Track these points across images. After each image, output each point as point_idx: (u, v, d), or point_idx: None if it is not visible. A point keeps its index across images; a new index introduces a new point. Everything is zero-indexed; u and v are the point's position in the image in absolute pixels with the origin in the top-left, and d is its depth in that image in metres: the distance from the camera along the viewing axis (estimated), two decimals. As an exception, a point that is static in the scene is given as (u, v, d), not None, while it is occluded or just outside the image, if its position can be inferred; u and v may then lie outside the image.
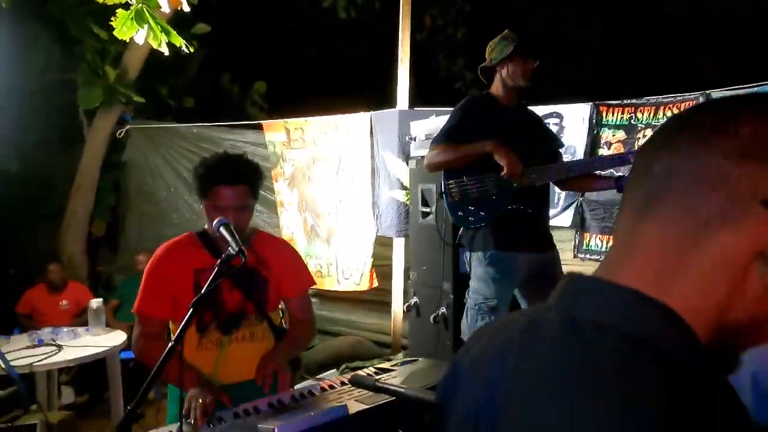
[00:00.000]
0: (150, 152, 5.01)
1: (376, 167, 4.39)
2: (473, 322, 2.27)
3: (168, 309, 1.72)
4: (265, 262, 1.81)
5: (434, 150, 2.29)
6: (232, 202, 1.68)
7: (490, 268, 2.24)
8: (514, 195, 2.25)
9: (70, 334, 3.57)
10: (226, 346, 1.73)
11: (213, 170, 1.70)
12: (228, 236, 1.50)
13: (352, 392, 1.53)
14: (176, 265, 1.73)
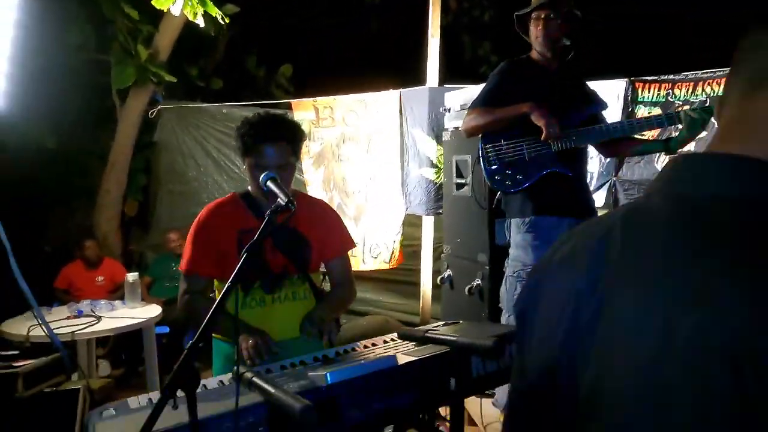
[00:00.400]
0: (180, 132, 5.06)
1: (405, 145, 4.37)
2: (512, 290, 2.25)
3: (213, 267, 1.75)
4: (307, 223, 1.83)
5: (471, 114, 2.26)
6: (275, 159, 1.70)
7: (529, 234, 2.21)
8: (553, 158, 2.20)
9: (107, 306, 3.66)
10: (269, 305, 1.76)
11: (256, 128, 1.71)
12: (276, 189, 1.51)
13: (397, 347, 1.53)
14: (221, 225, 1.75)
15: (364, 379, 1.27)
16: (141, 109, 4.94)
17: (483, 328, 1.65)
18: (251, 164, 1.72)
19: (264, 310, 1.75)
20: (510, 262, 2.31)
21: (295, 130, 1.79)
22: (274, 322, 1.74)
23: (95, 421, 1.13)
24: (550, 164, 2.20)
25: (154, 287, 4.60)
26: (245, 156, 1.73)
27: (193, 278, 1.76)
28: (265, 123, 1.73)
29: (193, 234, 1.78)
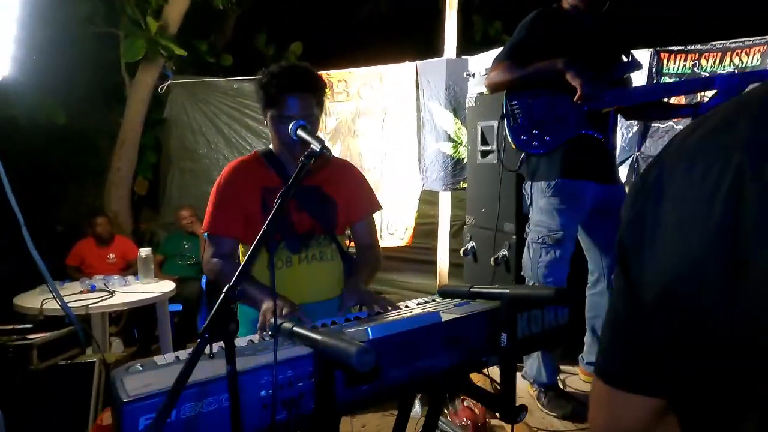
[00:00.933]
0: (190, 108, 4.96)
1: (422, 119, 4.26)
2: (536, 256, 2.15)
3: (239, 228, 1.66)
4: (333, 184, 1.75)
5: (497, 68, 2.13)
6: (300, 110, 1.60)
7: (554, 198, 2.10)
8: (583, 119, 2.09)
9: (120, 281, 3.60)
10: (296, 265, 1.68)
11: (279, 78, 1.61)
12: (308, 136, 1.42)
13: (438, 305, 1.44)
14: (244, 184, 1.66)
15: (407, 336, 1.18)
16: (151, 84, 4.85)
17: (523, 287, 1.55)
18: (274, 116, 1.62)
19: (291, 270, 1.67)
20: (532, 227, 2.20)
21: (318, 80, 1.68)
22: (302, 283, 1.67)
23: (122, 376, 1.05)
24: (580, 126, 2.08)
25: (166, 265, 4.54)
26: (267, 108, 1.63)
27: (217, 240, 1.68)
28: (288, 72, 1.63)
29: (216, 193, 1.69)
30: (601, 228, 2.20)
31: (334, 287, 1.75)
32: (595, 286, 2.28)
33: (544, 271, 2.10)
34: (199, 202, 4.94)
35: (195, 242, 4.52)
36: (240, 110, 4.87)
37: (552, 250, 2.09)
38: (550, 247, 2.09)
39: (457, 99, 4.17)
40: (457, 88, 4.15)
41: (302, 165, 1.29)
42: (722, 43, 4.07)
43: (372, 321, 1.28)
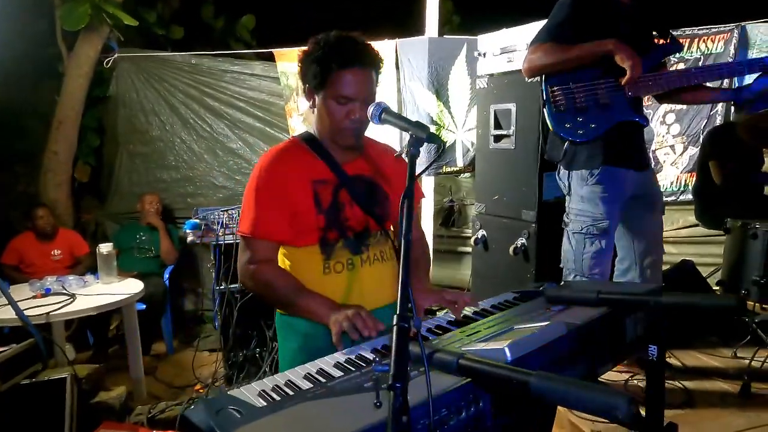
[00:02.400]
0: (141, 86, 4.45)
1: (403, 100, 4.07)
2: (580, 247, 2.07)
3: (284, 229, 1.43)
4: (381, 172, 1.54)
5: (538, 51, 1.99)
6: (362, 90, 1.38)
7: (598, 186, 2.03)
8: (626, 105, 2.02)
9: (79, 282, 3.18)
10: (358, 268, 1.47)
11: (340, 51, 1.37)
12: (399, 120, 1.22)
13: (534, 311, 1.30)
14: (291, 177, 1.43)
15: (542, 352, 1.04)
16: (93, 57, 4.28)
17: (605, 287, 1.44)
18: (328, 97, 1.39)
19: (353, 274, 1.47)
20: (574, 217, 2.12)
21: (378, 54, 1.46)
22: (366, 287, 1.47)
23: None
24: (624, 112, 2.01)
25: (121, 259, 4.07)
26: (321, 87, 1.39)
27: (259, 244, 1.43)
28: (350, 44, 1.39)
29: (256, 189, 1.43)
30: (634, 214, 2.16)
31: (395, 289, 1.56)
32: (625, 274, 2.25)
33: (590, 262, 2.03)
34: (153, 187, 4.48)
35: (153, 233, 4.10)
36: (198, 88, 4.44)
37: (597, 240, 2.02)
38: (595, 237, 2.02)
39: (440, 80, 4.03)
40: (439, 69, 4.01)
41: (412, 156, 1.09)
42: (691, 29, 4.20)
43: (492, 338, 1.12)
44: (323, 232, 1.43)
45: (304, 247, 1.44)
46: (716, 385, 2.48)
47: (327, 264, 1.45)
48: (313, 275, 1.44)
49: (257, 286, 1.44)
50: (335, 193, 1.45)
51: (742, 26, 4.13)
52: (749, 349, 2.65)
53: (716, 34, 4.21)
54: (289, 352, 1.50)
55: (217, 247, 2.96)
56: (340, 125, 1.41)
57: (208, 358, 3.71)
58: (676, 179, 4.32)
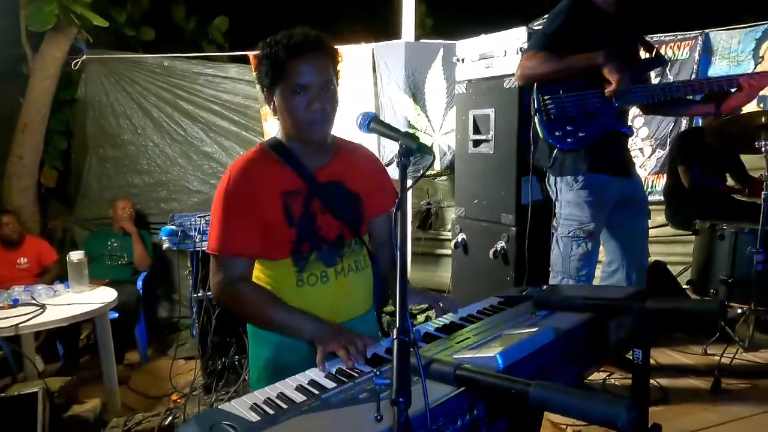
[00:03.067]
0: (111, 88, 4.33)
1: (380, 104, 4.08)
2: (567, 250, 2.12)
3: (256, 244, 1.37)
4: (353, 175, 1.48)
5: (533, 59, 2.02)
6: (317, 76, 1.30)
7: (583, 191, 2.09)
8: (613, 115, 2.08)
9: (48, 291, 3.08)
10: (332, 280, 1.43)
11: (284, 42, 1.30)
12: (389, 130, 1.21)
13: (520, 316, 1.32)
14: (260, 189, 1.36)
15: (532, 358, 1.06)
16: (60, 59, 4.15)
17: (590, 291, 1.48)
18: (287, 89, 1.31)
19: (327, 287, 1.42)
20: (562, 221, 2.17)
21: (332, 43, 1.40)
22: (340, 300, 1.44)
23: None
24: (611, 122, 2.07)
25: (93, 267, 3.95)
26: (276, 83, 1.32)
27: (231, 262, 1.37)
28: (297, 34, 1.32)
29: (223, 204, 1.36)
30: (621, 220, 2.23)
31: (369, 298, 1.55)
32: (612, 276, 2.31)
33: (577, 264, 2.08)
34: (125, 192, 4.37)
35: (125, 239, 4.00)
36: (172, 91, 4.35)
37: (584, 242, 2.08)
38: (582, 240, 2.07)
39: (417, 84, 4.06)
40: (416, 73, 4.03)
41: (403, 166, 1.09)
42: (658, 36, 4.34)
43: (481, 345, 1.13)
44: (295, 244, 1.38)
45: (276, 260, 1.40)
46: (689, 382, 2.56)
47: (300, 277, 1.40)
48: (286, 289, 1.40)
49: (233, 306, 1.39)
50: (307, 203, 1.39)
51: (705, 33, 4.29)
52: (719, 346, 2.75)
53: (682, 41, 4.36)
54: (260, 362, 1.46)
55: (194, 254, 2.91)
56: (303, 118, 1.33)
57: (184, 366, 3.63)
58: (644, 180, 4.46)
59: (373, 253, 1.57)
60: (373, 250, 1.60)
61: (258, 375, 1.46)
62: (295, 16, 6.25)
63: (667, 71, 4.37)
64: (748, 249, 2.66)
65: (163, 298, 4.45)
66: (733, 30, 4.30)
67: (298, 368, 1.14)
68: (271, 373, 1.40)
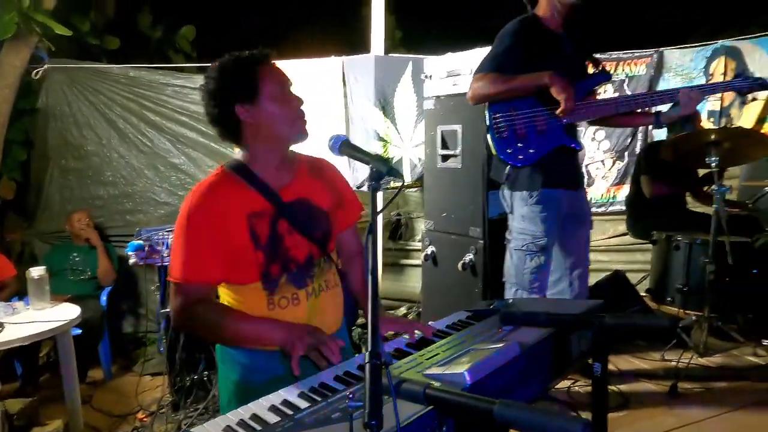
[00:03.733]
0: (74, 98, 4.23)
1: (350, 117, 4.12)
2: (521, 263, 2.20)
3: (217, 271, 1.36)
4: (317, 191, 1.48)
5: (482, 80, 2.11)
6: (287, 78, 1.39)
7: (538, 206, 2.17)
8: (562, 131, 2.17)
9: (6, 309, 2.98)
10: (303, 302, 1.43)
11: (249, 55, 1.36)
12: (360, 154, 1.24)
13: (487, 331, 1.37)
14: (225, 213, 1.34)
15: (499, 374, 1.10)
16: (19, 68, 4.03)
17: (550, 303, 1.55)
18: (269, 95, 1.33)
19: (297, 309, 1.42)
20: (515, 235, 2.25)
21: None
22: (313, 320, 1.43)
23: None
24: (560, 137, 2.17)
25: (54, 282, 3.83)
26: (257, 92, 1.33)
27: (192, 289, 1.34)
28: (249, 50, 1.38)
29: (185, 230, 1.34)
30: (567, 231, 2.32)
31: (340, 316, 1.56)
32: (556, 285, 2.39)
33: (530, 277, 2.15)
34: (87, 205, 4.26)
35: (88, 253, 3.90)
36: (138, 101, 4.28)
37: (537, 256, 2.15)
38: (535, 254, 2.15)
39: (386, 97, 4.11)
40: (386, 86, 4.09)
41: (374, 190, 1.12)
42: (617, 53, 4.54)
43: (450, 361, 1.17)
44: (264, 267, 1.37)
45: (245, 284, 1.39)
46: (648, 387, 2.67)
47: (271, 300, 1.39)
48: (257, 313, 1.39)
49: (196, 327, 1.38)
50: (273, 225, 1.38)
51: (660, 51, 4.51)
52: (676, 351, 2.88)
53: (638, 58, 4.57)
54: (229, 384, 1.45)
55: (162, 269, 2.86)
56: (296, 117, 1.38)
57: (150, 382, 3.55)
58: (606, 191, 4.62)
59: (342, 269, 1.59)
60: (343, 265, 1.61)
61: (228, 398, 1.45)
62: (264, 25, 6.25)
63: (625, 86, 4.57)
64: (701, 259, 2.80)
65: (129, 312, 4.35)
66: (685, 49, 4.54)
67: (269, 389, 1.14)
68: (241, 395, 1.38)
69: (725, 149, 2.73)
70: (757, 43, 4.55)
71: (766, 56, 4.57)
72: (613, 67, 4.53)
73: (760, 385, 2.68)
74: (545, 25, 2.20)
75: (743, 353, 3.04)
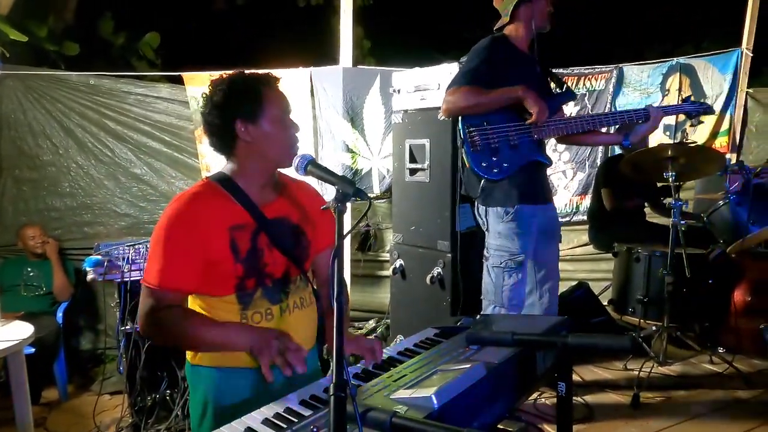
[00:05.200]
0: (30, 106, 4.06)
1: (318, 128, 4.10)
2: (500, 281, 2.22)
3: (193, 280, 1.36)
4: (297, 210, 1.52)
5: (457, 93, 2.13)
6: (289, 105, 1.47)
7: (513, 222, 2.19)
8: (534, 146, 2.22)
9: (-47, 329, 2.80)
10: (277, 318, 1.44)
11: (259, 77, 1.43)
12: (325, 174, 1.24)
13: (454, 350, 1.37)
14: (207, 223, 1.36)
15: (466, 395, 1.10)
16: (-29, 74, 3.86)
17: (518, 321, 1.56)
18: (276, 116, 1.41)
19: (270, 324, 1.43)
20: (493, 252, 2.27)
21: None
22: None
23: None
24: (532, 152, 2.21)
25: (6, 299, 3.66)
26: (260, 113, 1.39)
27: (165, 295, 1.35)
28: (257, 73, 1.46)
29: (165, 238, 1.35)
30: (539, 246, 2.35)
31: (313, 336, 1.56)
32: (527, 298, 2.42)
33: (508, 294, 2.18)
34: (43, 217, 4.09)
35: (43, 268, 3.74)
36: (98, 110, 4.14)
37: (515, 272, 2.17)
38: (513, 270, 2.17)
39: (355, 109, 4.11)
40: (354, 98, 4.09)
41: (339, 212, 1.11)
42: (578, 69, 4.67)
43: (418, 383, 1.16)
44: (241, 280, 1.38)
45: (220, 296, 1.39)
46: (611, 398, 2.73)
47: (244, 314, 1.40)
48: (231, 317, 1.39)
49: (162, 331, 1.36)
50: (254, 239, 1.40)
51: (620, 67, 4.68)
52: (638, 361, 2.95)
53: (599, 74, 4.72)
54: (199, 405, 1.43)
55: (122, 285, 2.76)
56: (291, 143, 1.44)
57: (110, 402, 3.42)
58: (569, 201, 4.73)
59: (317, 290, 1.59)
60: (319, 287, 1.62)
61: (198, 420, 1.43)
62: (232, 35, 6.19)
63: (585, 100, 4.71)
64: (660, 271, 2.89)
65: (87, 329, 4.18)
66: (643, 65, 4.71)
67: (242, 410, 1.14)
68: (213, 417, 1.38)
69: (681, 164, 2.84)
70: (709, 60, 4.77)
71: (718, 73, 4.80)
72: (575, 81, 4.67)
73: (716, 393, 2.78)
74: (514, 43, 2.26)
75: (701, 361, 3.15)
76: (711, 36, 6.39)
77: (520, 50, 2.26)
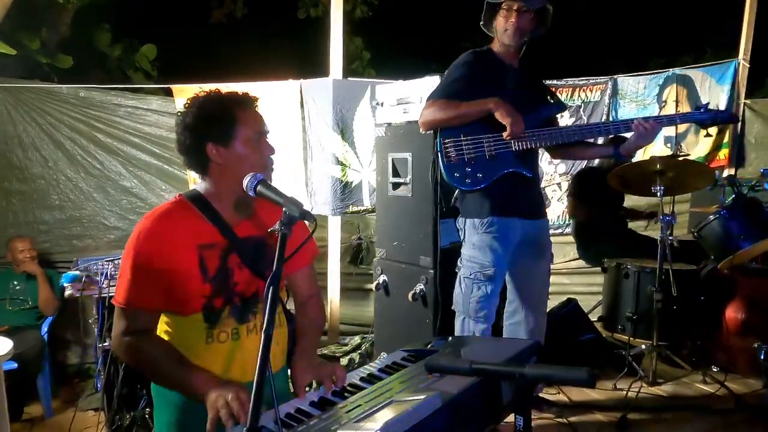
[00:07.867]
0: (19, 119, 4.05)
1: (308, 140, 4.07)
2: (468, 292, 2.18)
3: (162, 297, 1.35)
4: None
5: (432, 106, 2.13)
6: (264, 126, 1.46)
7: (487, 235, 2.16)
8: (512, 157, 2.18)
9: (-68, 344, 2.76)
10: (243, 337, 1.42)
11: (227, 97, 1.42)
12: (274, 195, 1.21)
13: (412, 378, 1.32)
14: (175, 241, 1.35)
15: (418, 429, 1.05)
16: (-39, 87, 3.87)
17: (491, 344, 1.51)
18: (243, 138, 1.39)
19: (237, 344, 1.41)
20: (465, 263, 2.23)
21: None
22: (249, 358, 1.40)
23: None
24: (510, 163, 2.17)
25: (-8, 312, 3.64)
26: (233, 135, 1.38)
27: (135, 314, 1.35)
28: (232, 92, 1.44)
29: (134, 256, 1.35)
30: (523, 261, 2.30)
31: (281, 357, 1.53)
32: (513, 315, 2.37)
33: (476, 306, 2.14)
34: (31, 230, 4.08)
35: (30, 281, 3.71)
36: (88, 123, 4.14)
37: (484, 285, 2.13)
38: (482, 283, 2.13)
39: (345, 121, 4.08)
40: (344, 110, 4.06)
41: (283, 236, 1.07)
42: (573, 80, 4.64)
43: (369, 415, 1.11)
44: (208, 299, 1.37)
45: (186, 315, 1.38)
46: (597, 419, 2.66)
47: (210, 333, 1.38)
48: (194, 345, 1.37)
49: (132, 359, 1.35)
50: (223, 258, 1.39)
51: (614, 79, 4.64)
52: (627, 379, 2.88)
53: (594, 85, 4.68)
54: (163, 425, 1.41)
55: (100, 301, 2.73)
56: (265, 163, 1.43)
57: (92, 418, 3.37)
58: (562, 213, 4.67)
59: (289, 312, 1.58)
60: (299, 306, 1.62)
61: None
62: (229, 47, 6.20)
63: (581, 111, 4.67)
64: (649, 287, 2.82)
65: (74, 343, 4.15)
66: (639, 76, 4.67)
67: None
68: None
69: (670, 178, 2.78)
70: (707, 71, 4.72)
71: (715, 84, 4.75)
72: (569, 93, 4.63)
73: (707, 415, 2.69)
74: (499, 57, 2.24)
75: (692, 381, 3.06)
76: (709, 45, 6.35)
77: (505, 62, 2.23)
